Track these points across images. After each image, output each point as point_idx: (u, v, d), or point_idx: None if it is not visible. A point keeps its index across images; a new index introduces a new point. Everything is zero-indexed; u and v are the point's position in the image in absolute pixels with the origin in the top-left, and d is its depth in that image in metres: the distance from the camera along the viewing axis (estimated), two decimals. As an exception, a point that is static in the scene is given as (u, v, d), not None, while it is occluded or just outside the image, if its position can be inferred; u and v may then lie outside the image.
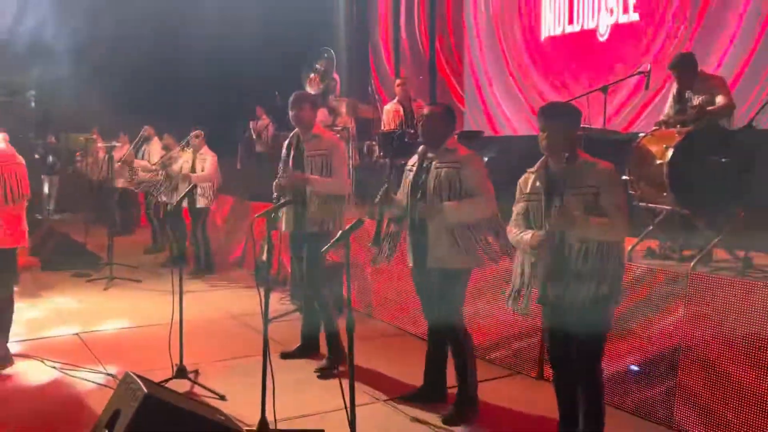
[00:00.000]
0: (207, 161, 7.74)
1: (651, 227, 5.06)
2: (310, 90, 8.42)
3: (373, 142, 7.32)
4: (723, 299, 3.84)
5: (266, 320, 3.60)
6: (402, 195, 3.91)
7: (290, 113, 4.67)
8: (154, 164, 8.30)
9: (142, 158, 9.05)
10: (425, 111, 3.91)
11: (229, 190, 8.79)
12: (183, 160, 7.84)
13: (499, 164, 5.66)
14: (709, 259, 4.74)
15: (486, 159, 3.20)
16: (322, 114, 8.08)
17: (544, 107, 3.35)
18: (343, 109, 7.84)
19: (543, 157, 3.32)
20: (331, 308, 4.76)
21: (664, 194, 4.65)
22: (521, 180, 3.37)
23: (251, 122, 10.80)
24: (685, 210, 4.64)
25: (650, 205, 4.92)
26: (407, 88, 7.65)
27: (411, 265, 3.96)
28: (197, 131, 7.74)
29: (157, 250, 9.24)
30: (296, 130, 4.75)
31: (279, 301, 6.38)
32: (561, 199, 3.12)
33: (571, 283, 3.14)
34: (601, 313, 3.22)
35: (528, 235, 3.24)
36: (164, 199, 8.00)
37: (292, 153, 4.72)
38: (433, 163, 3.78)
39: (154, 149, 9.10)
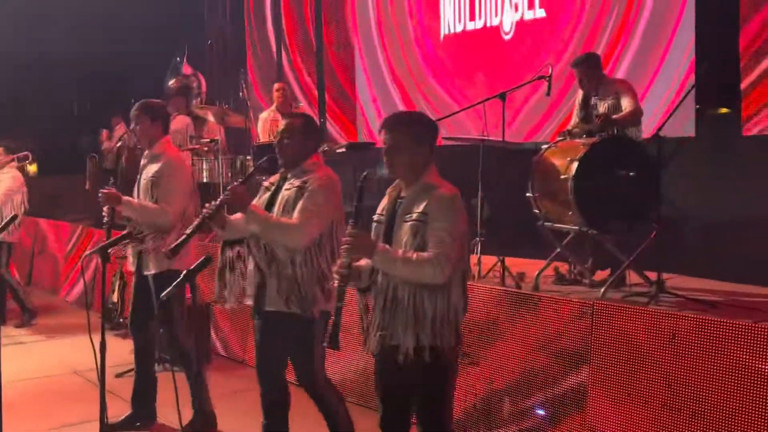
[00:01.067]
0: (4, 181, 7.35)
1: (558, 250, 5.23)
2: (177, 97, 8.28)
3: (248, 157, 7.25)
4: (629, 331, 4.01)
5: (103, 379, 3.46)
6: None
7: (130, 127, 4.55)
8: None
9: None
10: (281, 125, 3.87)
11: (74, 216, 8.47)
12: None
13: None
14: (622, 283, 4.95)
15: (366, 173, 3.13)
16: (182, 123, 7.94)
17: (387, 118, 3.20)
18: (211, 118, 7.72)
19: None
20: (193, 358, 4.59)
21: (570, 213, 4.82)
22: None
23: (105, 134, 10.50)
24: (593, 230, 4.81)
25: (556, 226, 5.09)
26: (287, 94, 7.64)
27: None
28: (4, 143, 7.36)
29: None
30: None
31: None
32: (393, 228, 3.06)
33: (394, 332, 3.02)
34: (432, 371, 3.03)
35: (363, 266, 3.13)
36: None
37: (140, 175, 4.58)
38: (286, 183, 3.76)
39: None
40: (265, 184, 3.88)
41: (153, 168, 4.45)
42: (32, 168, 13.51)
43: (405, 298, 2.99)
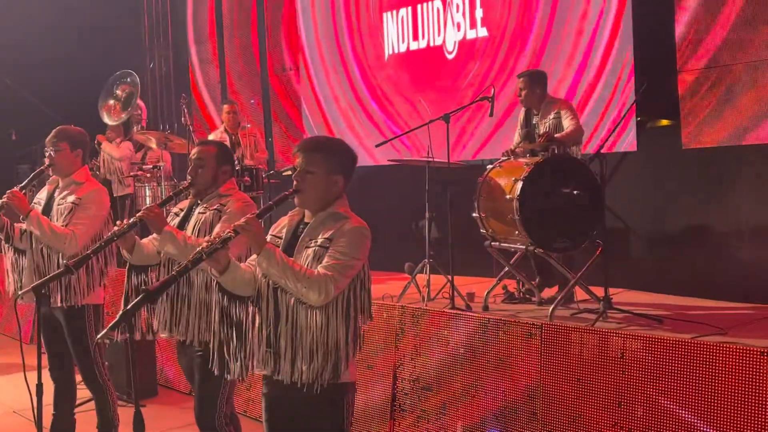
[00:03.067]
0: None
1: (506, 269, 5.25)
2: (110, 121, 8.11)
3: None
4: (578, 351, 4.01)
5: (39, 423, 3.32)
6: None
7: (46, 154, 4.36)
8: None
9: None
10: (194, 152, 3.79)
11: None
12: None
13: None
14: (571, 300, 4.98)
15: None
16: (125, 150, 7.80)
17: (303, 141, 3.05)
18: (153, 144, 7.59)
19: None
20: (114, 407, 4.41)
21: (516, 232, 4.84)
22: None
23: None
24: (540, 248, 4.84)
25: (503, 245, 5.10)
26: (236, 115, 7.55)
27: None
28: None
29: None
30: None
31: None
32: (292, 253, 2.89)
33: (283, 356, 2.84)
34: (327, 405, 2.86)
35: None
36: None
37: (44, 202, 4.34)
38: (199, 207, 3.67)
39: None
40: (174, 210, 3.80)
41: (73, 195, 4.22)
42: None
43: (284, 309, 2.85)
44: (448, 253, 5.22)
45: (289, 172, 7.18)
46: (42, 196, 4.40)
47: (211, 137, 7.53)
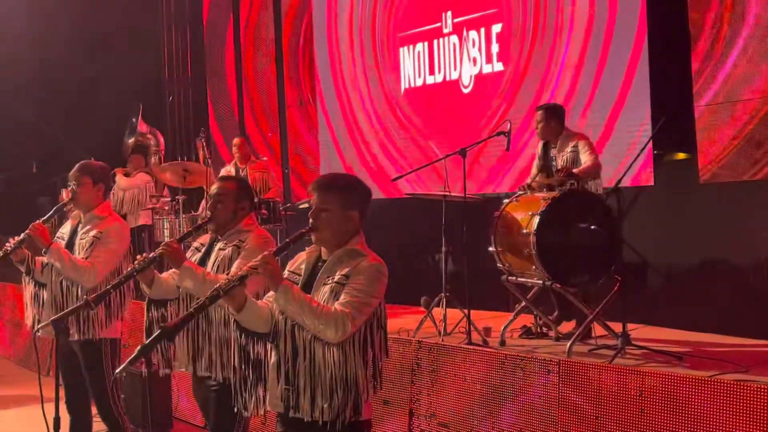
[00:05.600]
0: None
1: (523, 303, 5.22)
2: (135, 154, 8.22)
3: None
4: (596, 388, 3.97)
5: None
6: None
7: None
8: None
9: None
10: (213, 188, 3.82)
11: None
12: None
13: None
14: (588, 336, 4.94)
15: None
16: (142, 181, 7.85)
17: (318, 179, 3.09)
18: (167, 179, 7.64)
19: None
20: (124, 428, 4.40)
21: (533, 267, 4.82)
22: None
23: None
24: (557, 283, 4.82)
25: (520, 279, 5.08)
26: (246, 149, 7.60)
27: None
28: None
29: None
30: None
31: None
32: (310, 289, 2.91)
33: (303, 394, 2.83)
34: None
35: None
36: None
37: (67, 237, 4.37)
38: (219, 243, 3.69)
39: None
40: (195, 244, 3.83)
41: (95, 229, 4.25)
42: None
43: (302, 346, 2.85)
44: (464, 287, 5.20)
45: (306, 206, 7.20)
46: (65, 230, 4.44)
47: (222, 172, 7.58)
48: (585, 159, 5.18)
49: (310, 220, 2.96)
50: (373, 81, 8.93)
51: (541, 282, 4.91)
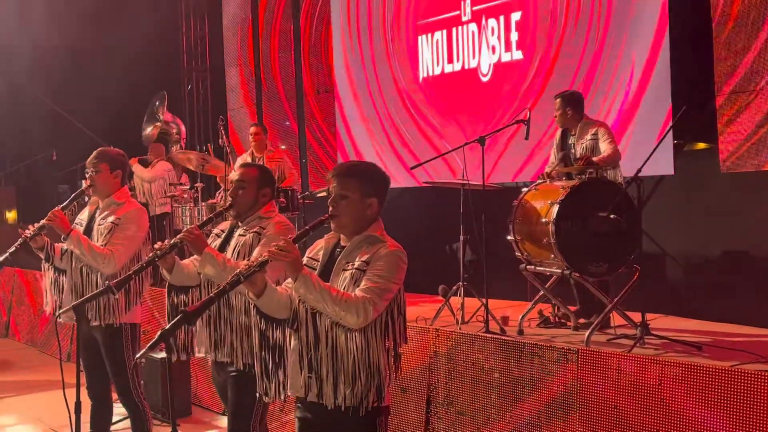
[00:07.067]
0: None
1: (541, 293, 5.20)
2: (156, 143, 8.27)
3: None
4: (615, 377, 3.95)
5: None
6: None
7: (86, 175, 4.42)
8: None
9: None
10: (235, 174, 3.83)
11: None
12: None
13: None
14: (607, 325, 4.91)
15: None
16: (158, 170, 7.90)
17: (337, 166, 3.09)
18: (192, 165, 7.68)
19: None
20: (149, 426, 4.42)
21: (552, 256, 4.80)
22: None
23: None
24: (576, 273, 4.79)
25: (538, 269, 5.06)
26: (263, 138, 7.61)
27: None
28: None
29: None
30: None
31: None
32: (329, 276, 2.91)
33: (326, 380, 2.84)
34: (365, 427, 2.85)
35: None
36: None
37: (85, 223, 4.39)
38: (239, 229, 3.70)
39: None
40: (215, 231, 3.84)
41: (113, 215, 4.27)
42: (11, 215, 13.44)
43: (323, 333, 2.86)
44: (482, 276, 5.19)
45: (324, 194, 7.21)
46: (83, 216, 4.47)
47: (239, 160, 7.59)
48: (604, 147, 5.14)
49: (330, 207, 2.97)
50: (391, 69, 8.90)
51: (559, 271, 4.89)
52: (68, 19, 10.43)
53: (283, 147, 8.28)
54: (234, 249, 3.63)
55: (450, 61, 8.18)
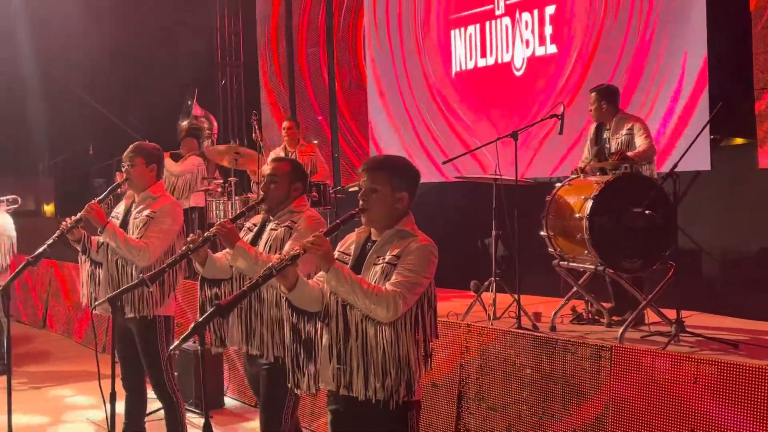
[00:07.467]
0: None
1: (574, 289, 5.15)
2: (188, 137, 8.32)
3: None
4: (650, 375, 3.90)
5: (112, 430, 3.38)
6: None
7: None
8: None
9: None
10: (267, 168, 3.84)
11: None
12: None
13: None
14: (641, 322, 4.85)
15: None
16: (189, 165, 7.95)
17: (368, 160, 3.10)
18: (224, 160, 7.71)
19: None
20: (183, 417, 4.47)
21: (586, 252, 4.75)
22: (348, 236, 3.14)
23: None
24: (609, 269, 4.74)
25: (571, 264, 5.01)
26: (295, 132, 7.63)
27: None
28: None
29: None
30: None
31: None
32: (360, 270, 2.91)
33: (356, 373, 2.85)
34: (395, 423, 2.85)
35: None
36: None
37: (121, 217, 4.44)
38: (271, 223, 3.71)
39: None
40: (248, 225, 3.86)
41: (148, 209, 4.32)
42: (49, 208, 13.67)
43: (353, 326, 2.86)
44: (514, 271, 5.16)
45: (356, 188, 7.21)
46: (119, 210, 4.52)
47: (272, 155, 7.62)
48: (639, 142, 5.08)
49: (360, 201, 2.97)
50: (421, 64, 8.88)
51: (593, 267, 4.83)
52: (106, 14, 10.58)
53: (315, 141, 8.28)
54: (266, 243, 3.64)
55: (483, 55, 8.14)
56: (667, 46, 6.28)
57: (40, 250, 4.16)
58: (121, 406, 4.02)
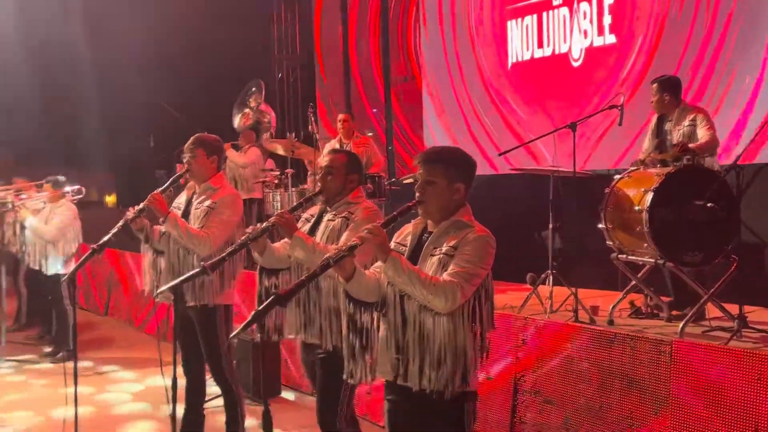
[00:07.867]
0: (58, 215, 7.44)
1: (633, 282, 5.07)
2: (239, 125, 8.45)
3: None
4: (711, 371, 3.82)
5: (174, 415, 3.46)
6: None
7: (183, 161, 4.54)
8: None
9: None
10: (324, 160, 3.87)
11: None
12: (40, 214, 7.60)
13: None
14: (702, 317, 4.76)
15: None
16: (252, 156, 8.07)
17: (424, 152, 3.09)
18: (281, 151, 7.81)
19: None
20: (241, 405, 4.52)
21: (645, 245, 4.67)
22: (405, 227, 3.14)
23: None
24: (670, 262, 4.65)
25: (630, 258, 4.94)
26: (350, 125, 7.67)
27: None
28: (52, 178, 7.53)
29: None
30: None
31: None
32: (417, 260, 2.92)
33: (413, 363, 2.84)
34: (451, 413, 2.86)
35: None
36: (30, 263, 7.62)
37: (183, 207, 4.52)
38: (328, 214, 3.75)
39: None
40: (305, 215, 3.90)
41: (209, 199, 4.39)
42: (111, 199, 14.01)
43: (411, 316, 2.86)
44: (571, 264, 5.10)
45: (410, 180, 7.22)
46: (181, 200, 4.60)
47: (327, 147, 7.69)
48: (702, 134, 4.96)
49: (417, 193, 2.97)
50: (479, 55, 8.82)
51: (652, 260, 4.75)
52: (164, 14, 10.77)
53: (370, 134, 8.32)
54: (323, 233, 3.68)
55: (540, 46, 8.06)
56: (739, 38, 6.12)
57: (105, 238, 4.26)
58: (181, 394, 4.12)
